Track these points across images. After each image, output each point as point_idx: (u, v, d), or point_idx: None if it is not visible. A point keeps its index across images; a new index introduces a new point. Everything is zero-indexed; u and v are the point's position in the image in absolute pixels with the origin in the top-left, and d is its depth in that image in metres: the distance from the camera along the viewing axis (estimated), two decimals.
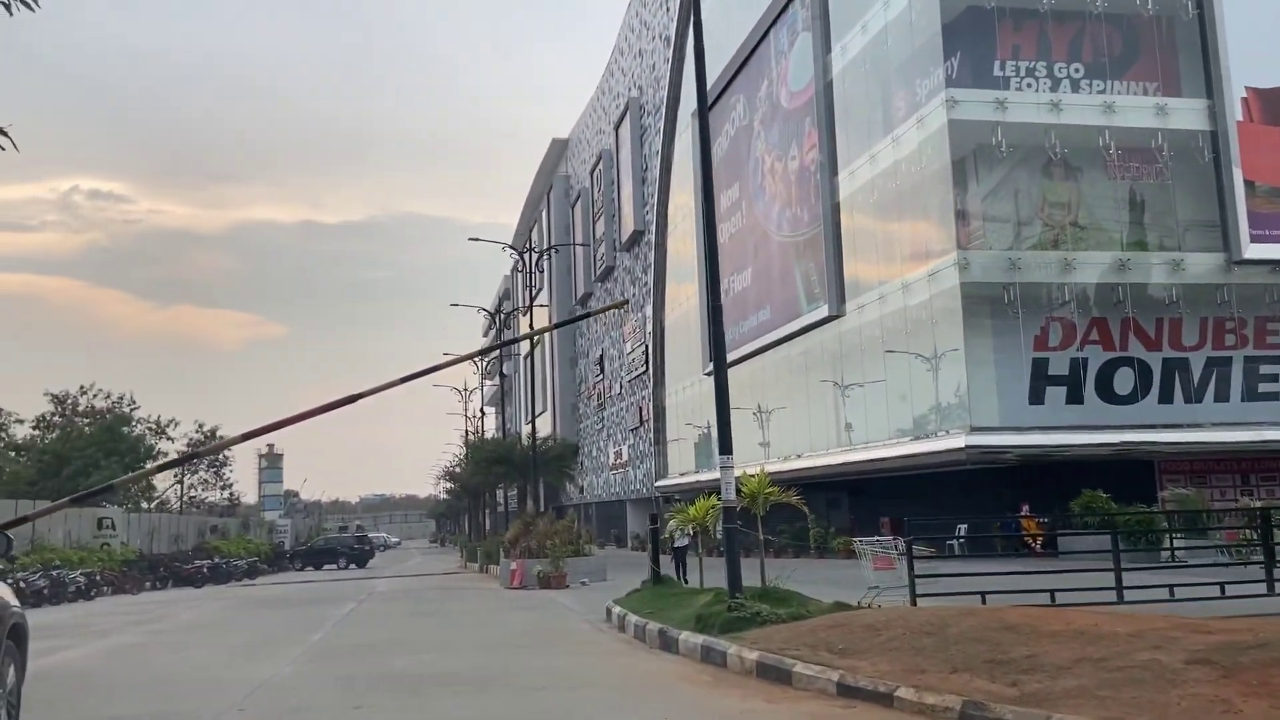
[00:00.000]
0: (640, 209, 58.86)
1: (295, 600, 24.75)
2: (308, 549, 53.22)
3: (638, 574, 28.34)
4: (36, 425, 57.03)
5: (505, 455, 33.64)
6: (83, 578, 29.42)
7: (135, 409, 58.29)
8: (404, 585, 29.91)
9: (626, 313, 62.67)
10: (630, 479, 61.83)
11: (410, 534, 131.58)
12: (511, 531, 25.47)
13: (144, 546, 39.77)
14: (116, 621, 20.08)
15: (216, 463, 63.52)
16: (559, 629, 14.47)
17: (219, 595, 29.56)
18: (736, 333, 42.92)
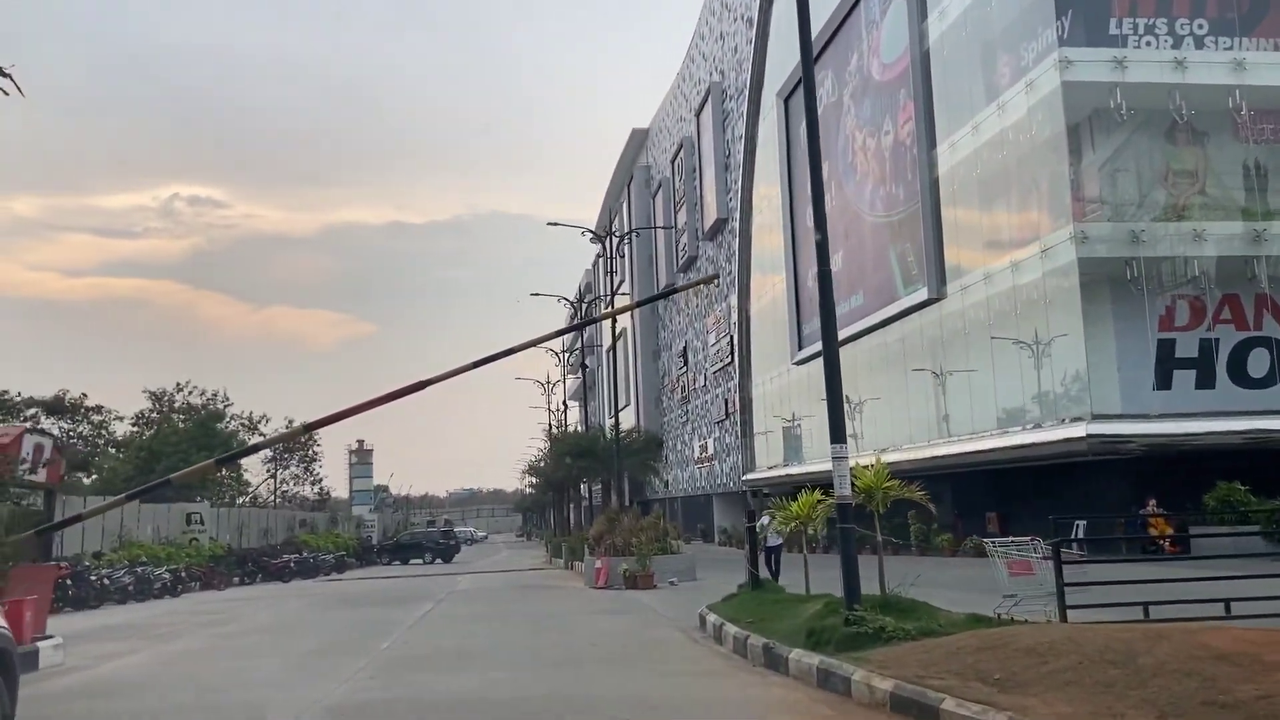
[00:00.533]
0: (723, 196, 57.02)
1: (375, 598, 23.74)
2: (394, 544, 52.83)
3: (729, 573, 26.68)
4: (135, 422, 57.91)
5: (588, 448, 32.22)
6: (168, 574, 28.99)
7: (229, 405, 58.78)
8: (486, 582, 28.79)
9: (710, 303, 60.91)
10: (716, 473, 60.11)
11: (497, 528, 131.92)
12: (595, 528, 24.05)
13: (233, 541, 39.55)
14: (190, 622, 19.23)
15: (307, 457, 63.73)
16: (648, 639, 12.92)
17: (303, 591, 28.84)
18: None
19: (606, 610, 17.28)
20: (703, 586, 21.73)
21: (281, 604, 23.56)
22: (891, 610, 10.13)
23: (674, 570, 23.17)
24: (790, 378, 45.27)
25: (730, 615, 12.37)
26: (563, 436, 35.46)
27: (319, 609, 21.23)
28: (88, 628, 18.56)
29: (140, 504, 33.41)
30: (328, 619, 18.46)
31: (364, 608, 20.74)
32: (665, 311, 74.38)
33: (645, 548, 22.02)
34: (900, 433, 34.08)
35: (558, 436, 35.50)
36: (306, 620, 18.49)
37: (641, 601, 18.71)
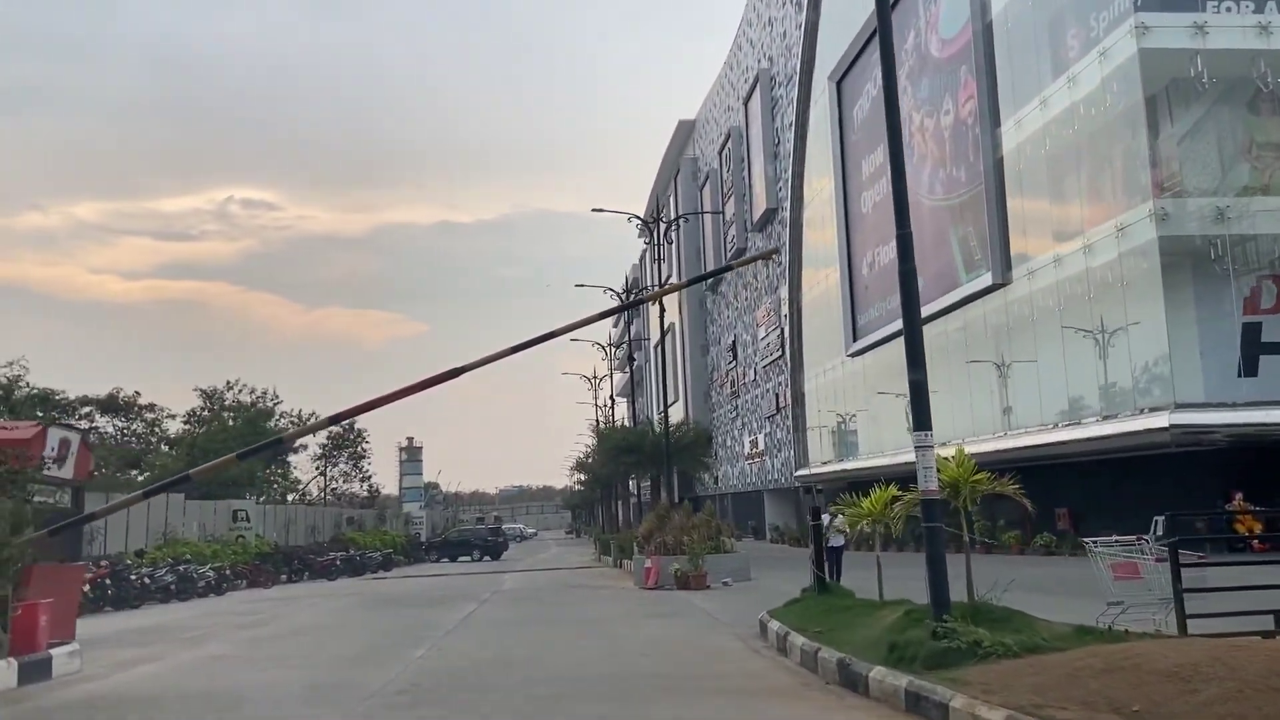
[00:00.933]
0: (773, 186, 55.57)
1: (417, 598, 22.81)
2: (442, 541, 52.15)
3: (786, 573, 25.39)
4: (187, 420, 57.92)
5: (636, 443, 31.04)
6: (212, 572, 28.37)
7: (278, 403, 58.57)
8: (533, 582, 27.78)
9: (760, 297, 59.51)
10: (767, 469, 58.71)
11: (547, 525, 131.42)
12: (645, 525, 22.89)
13: (280, 539, 39.02)
14: (226, 623, 18.41)
15: (356, 454, 63.43)
16: (704, 648, 11.72)
17: (348, 590, 28.06)
18: (883, 309, 39.34)
19: (657, 614, 16.11)
20: (759, 588, 20.48)
21: (323, 604, 22.72)
22: (983, 620, 8.82)
23: (727, 570, 21.94)
24: (844, 371, 43.76)
25: (796, 623, 11.12)
26: (610, 432, 34.20)
27: (359, 610, 20.32)
28: (121, 630, 17.82)
29: (185, 500, 32.93)
30: (366, 621, 17.51)
31: (405, 609, 19.79)
32: (714, 306, 73.08)
33: (697, 546, 20.81)
34: (960, 425, 32.48)
35: (604, 432, 34.23)
36: (344, 622, 17.56)
37: (694, 604, 17.51)
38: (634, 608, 17.58)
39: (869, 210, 40.59)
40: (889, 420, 39.27)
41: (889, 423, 39.31)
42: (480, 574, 34.87)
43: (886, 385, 39.43)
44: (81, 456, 16.76)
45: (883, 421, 39.94)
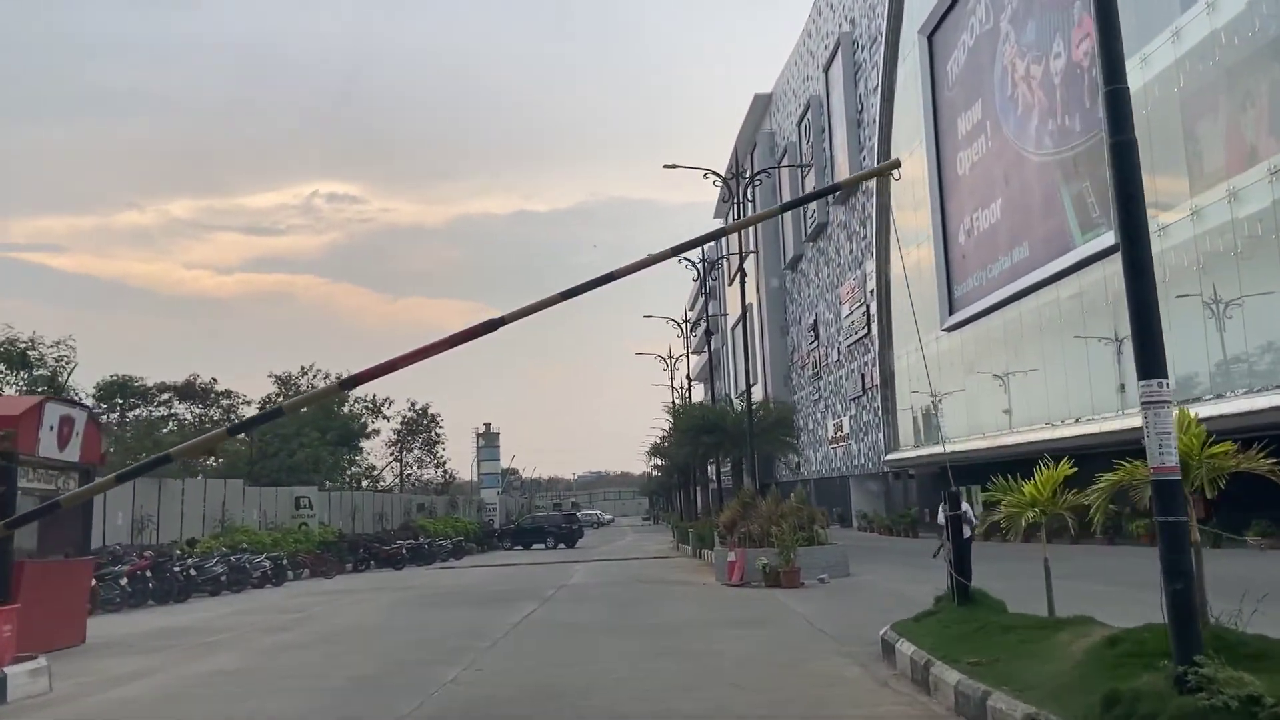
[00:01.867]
0: (855, 155, 52.05)
1: (476, 594, 20.44)
2: (515, 528, 50.14)
3: (887, 567, 22.38)
4: (262, 407, 56.95)
5: (715, 423, 28.14)
6: (268, 562, 26.51)
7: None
8: (605, 574, 25.25)
9: (843, 273, 56.08)
10: (853, 453, 55.35)
11: (624, 511, 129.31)
12: (727, 514, 20.10)
13: (345, 526, 37.26)
14: (257, 624, 16.24)
15: (429, 440, 61.88)
16: (813, 675, 8.94)
17: (409, 582, 25.93)
18: (983, 278, 35.84)
19: (746, 621, 13.35)
20: (861, 587, 17.58)
21: (376, 599, 20.51)
22: (1239, 657, 5.89)
23: (822, 565, 19.07)
24: (939, 347, 40.29)
25: (939, 647, 8.26)
26: (687, 410, 31.22)
27: (409, 608, 18.01)
28: (143, 631, 15.76)
29: (245, 487, 31.25)
30: (409, 624, 15.13)
31: (458, 608, 17.39)
32: (793, 284, 69.72)
33: (788, 538, 17.98)
34: (1083, 403, 28.93)
35: (681, 411, 31.31)
36: (385, 625, 15.20)
37: (789, 607, 14.72)
38: (717, 611, 14.85)
39: (966, 171, 37.03)
40: (989, 399, 35.81)
41: (989, 402, 35.85)
42: (550, 564, 32.54)
43: (987, 361, 35.96)
44: (90, 437, 14.68)
45: (982, 401, 36.48)
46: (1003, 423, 34.53)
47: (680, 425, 30.30)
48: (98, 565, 18.82)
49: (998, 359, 35.08)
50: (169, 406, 57.09)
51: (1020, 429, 32.37)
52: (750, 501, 19.86)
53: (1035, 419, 31.48)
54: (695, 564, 27.93)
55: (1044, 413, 30.94)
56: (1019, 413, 33.20)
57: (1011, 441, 32.46)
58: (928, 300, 41.08)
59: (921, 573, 20.50)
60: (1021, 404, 33.15)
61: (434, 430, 60.99)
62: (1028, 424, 31.93)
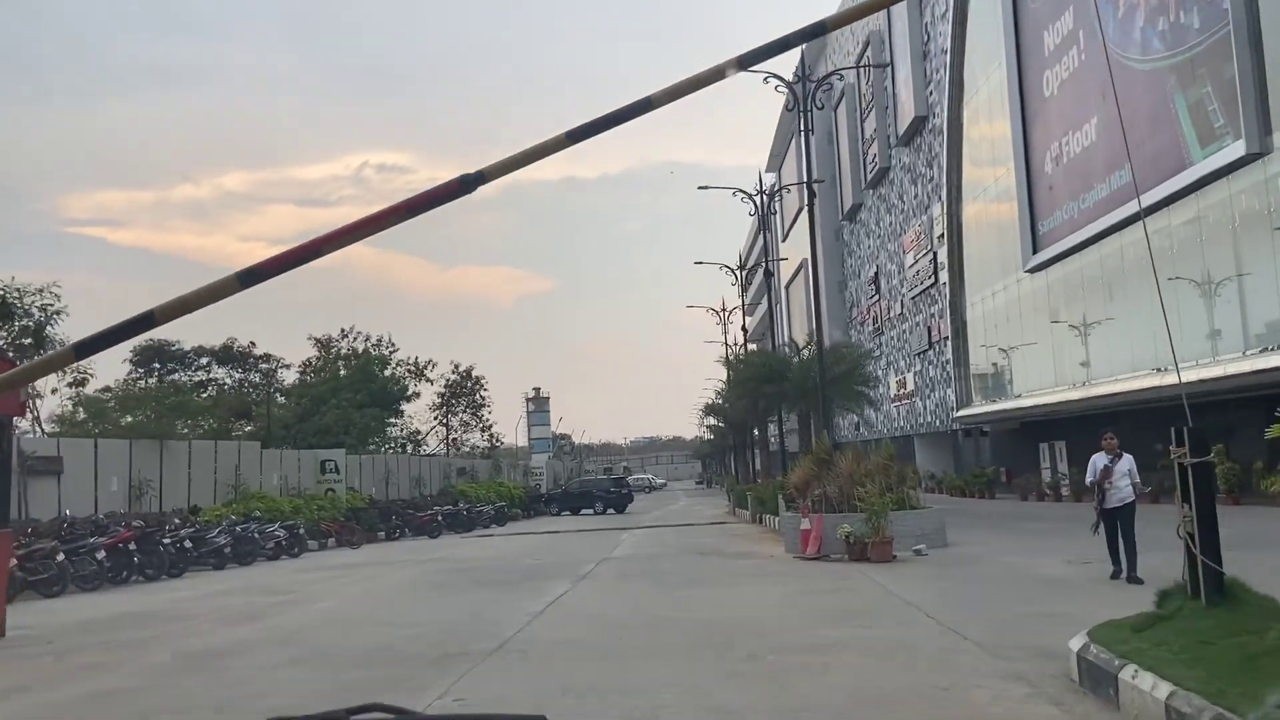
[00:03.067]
0: (921, 91, 47.52)
1: (506, 570, 17.16)
2: (562, 493, 47.03)
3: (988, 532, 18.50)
4: (303, 370, 54.46)
5: (777, 372, 24.21)
6: (282, 532, 23.57)
7: (394, 351, 54.41)
8: (655, 543, 21.85)
9: (906, 219, 51.76)
10: (918, 411, 51.31)
11: (676, 475, 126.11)
12: (798, 472, 16.45)
13: (379, 492, 34.35)
14: (225, 608, 13.11)
15: (474, 403, 58.94)
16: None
17: (437, 554, 22.85)
18: (1074, 211, 31.52)
19: (841, 612, 9.80)
20: (969, 559, 13.94)
21: (386, 576, 17.37)
22: None
23: (916, 533, 15.43)
24: (1020, 290, 36.06)
25: (1215, 686, 4.67)
26: (747, 359, 27.15)
27: (417, 590, 14.80)
28: (81, 618, 12.70)
29: (263, 450, 28.36)
30: (403, 613, 11.86)
31: (474, 590, 14.11)
32: (851, 236, 65.37)
33: (877, 502, 14.35)
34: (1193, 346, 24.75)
35: (740, 361, 27.30)
36: (371, 615, 11.94)
37: (891, 591, 11.15)
38: (795, 597, 11.31)
39: (1054, 92, 32.58)
40: (1078, 346, 31.64)
41: (1078, 349, 31.68)
42: (597, 530, 29.28)
43: (1079, 302, 31.75)
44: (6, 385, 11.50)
45: (1069, 348, 32.31)
46: (1099, 371, 30.39)
47: (739, 376, 26.29)
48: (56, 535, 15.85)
49: (1095, 299, 30.88)
50: (207, 371, 54.82)
51: (1123, 376, 28.22)
52: (827, 458, 16.23)
53: (1139, 364, 27.33)
54: (757, 531, 24.41)
55: (1148, 357, 26.80)
56: (1119, 358, 29.03)
57: (1113, 390, 28.39)
58: (1007, 240, 36.83)
59: (1035, 541, 16.77)
60: (1122, 349, 28.97)
61: (478, 393, 58.04)
62: (1130, 370, 27.79)
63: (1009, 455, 40.83)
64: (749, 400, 25.84)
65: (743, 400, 26.67)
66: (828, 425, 19.92)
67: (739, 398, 26.87)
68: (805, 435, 24.35)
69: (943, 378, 47.18)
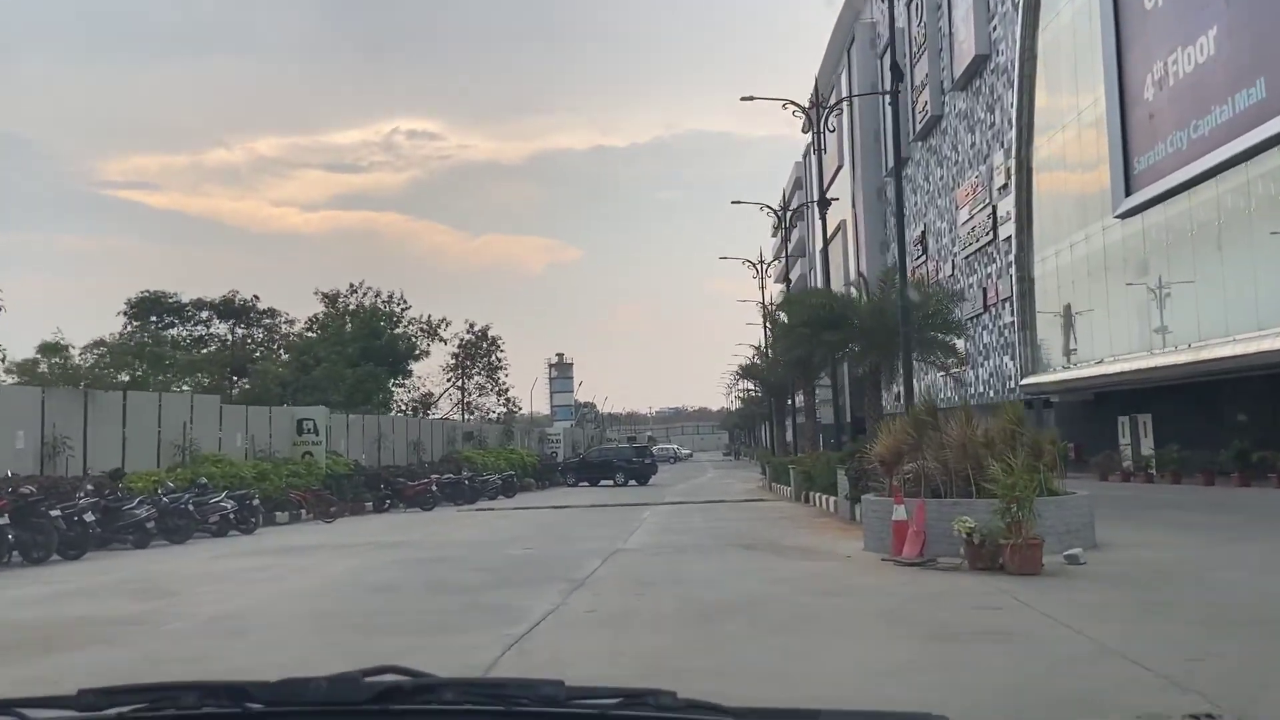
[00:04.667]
0: (984, 27, 41.83)
1: (483, 563, 12.35)
2: (579, 462, 42.36)
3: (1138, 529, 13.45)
4: (309, 326, 49.95)
5: (840, 314, 18.86)
6: (229, 503, 19.00)
7: (406, 308, 49.68)
8: (682, 528, 17.03)
9: (959, 173, 46.29)
10: (968, 380, 46.01)
11: (703, 446, 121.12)
12: (887, 440, 11.33)
13: (369, 457, 29.76)
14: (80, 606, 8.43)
15: (490, 365, 54.21)
16: None
17: (417, 533, 18.29)
18: (1183, 140, 26.06)
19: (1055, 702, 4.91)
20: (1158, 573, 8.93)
21: (319, 569, 12.68)
22: None
23: (1059, 530, 10.44)
24: (1104, 240, 30.69)
25: None
26: (802, 298, 21.83)
27: (353, 592, 10.11)
28: None
29: (223, 406, 23.76)
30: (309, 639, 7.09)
31: (427, 597, 9.35)
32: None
33: (1021, 484, 9.36)
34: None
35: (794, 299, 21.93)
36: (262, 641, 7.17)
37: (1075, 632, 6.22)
38: (935, 659, 6.36)
39: (1159, 3, 27.07)
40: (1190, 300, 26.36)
41: (1189, 304, 26.41)
42: (613, 507, 24.54)
43: (1184, 251, 26.43)
44: None
45: (1176, 304, 27.02)
46: (1208, 331, 25.12)
47: (792, 321, 20.94)
48: None
49: (1201, 248, 25.58)
50: (207, 325, 50.43)
51: (1244, 335, 22.98)
52: (929, 420, 11.22)
53: (1266, 323, 22.11)
54: (807, 514, 19.50)
55: (1273, 316, 21.61)
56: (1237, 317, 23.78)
57: (1232, 353, 23.20)
58: (1090, 184, 31.46)
59: (1227, 543, 11.73)
60: (1240, 306, 23.70)
61: (495, 354, 53.28)
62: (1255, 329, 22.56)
63: (1078, 429, 35.57)
64: (803, 351, 20.70)
65: (795, 351, 21.48)
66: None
67: (789, 348, 21.71)
68: (872, 397, 19.20)
69: (999, 344, 41.93)
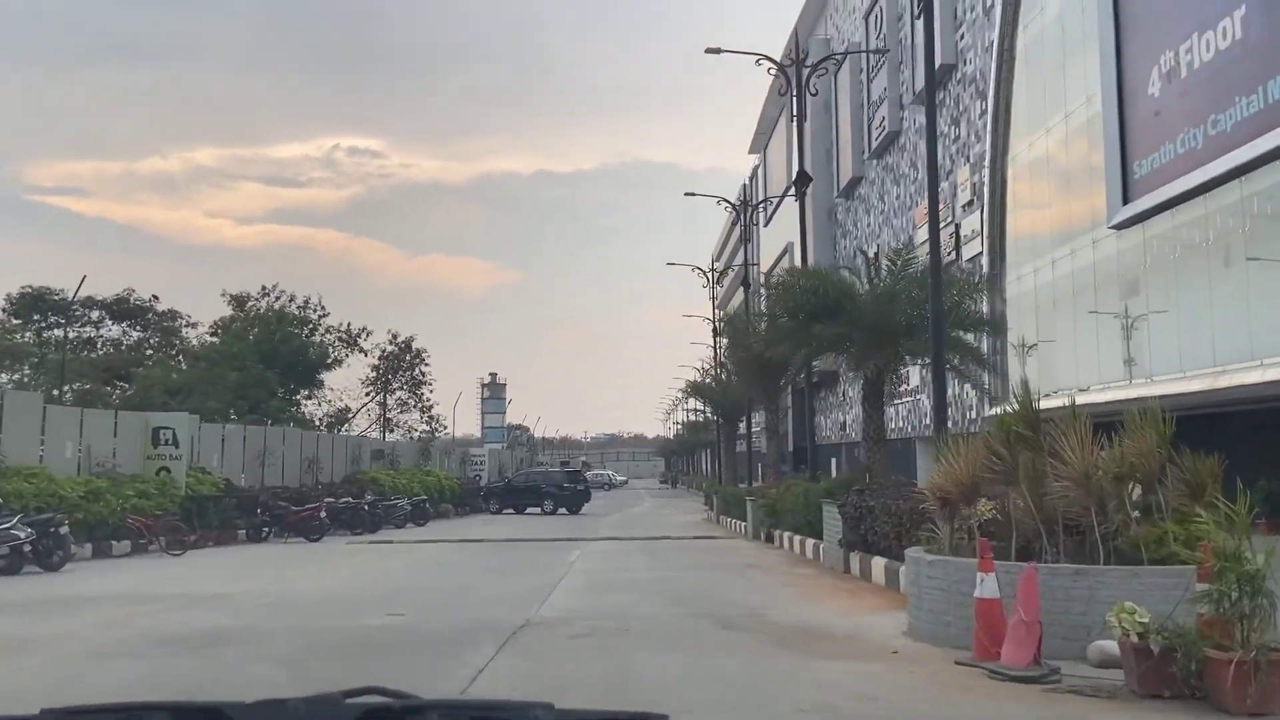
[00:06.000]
0: (950, 35, 38.52)
1: (308, 642, 7.66)
2: (504, 487, 37.40)
3: None
4: (214, 331, 44.24)
5: (836, 302, 13.80)
6: (24, 531, 13.90)
7: (324, 315, 44.30)
8: (623, 576, 12.46)
9: (919, 191, 42.92)
10: (922, 410, 42.28)
11: (638, 473, 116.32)
12: (953, 465, 6.95)
13: (251, 475, 24.56)
14: None
15: (413, 380, 48.99)
16: None
17: (265, 574, 13.55)
18: (1197, 139, 22.48)
19: None
20: None
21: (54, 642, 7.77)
22: None
23: None
24: (1093, 255, 27.11)
25: None
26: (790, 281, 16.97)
27: None
28: None
29: (46, 408, 18.48)
30: None
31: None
32: (846, 215, 56.36)
33: (1238, 549, 5.12)
34: None
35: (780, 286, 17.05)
36: None
37: None
38: None
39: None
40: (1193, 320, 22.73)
41: (1194, 324, 22.77)
42: (536, 543, 19.85)
43: (1197, 264, 22.86)
44: None
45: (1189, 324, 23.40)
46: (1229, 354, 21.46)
47: (776, 310, 16.02)
48: None
49: (1213, 258, 22.02)
50: (97, 326, 44.53)
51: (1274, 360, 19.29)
52: (1028, 435, 6.76)
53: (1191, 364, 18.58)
54: (778, 559, 15.08)
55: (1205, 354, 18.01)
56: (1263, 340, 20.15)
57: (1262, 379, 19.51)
58: (1078, 194, 27.96)
59: None
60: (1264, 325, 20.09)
61: (419, 368, 48.11)
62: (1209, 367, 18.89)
63: None
64: (789, 344, 16.16)
65: (779, 347, 16.85)
66: (936, 391, 10.64)
67: (774, 342, 17.04)
68: (871, 413, 14.82)
69: (901, 389, 38.39)
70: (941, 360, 11.44)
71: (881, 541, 11.07)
